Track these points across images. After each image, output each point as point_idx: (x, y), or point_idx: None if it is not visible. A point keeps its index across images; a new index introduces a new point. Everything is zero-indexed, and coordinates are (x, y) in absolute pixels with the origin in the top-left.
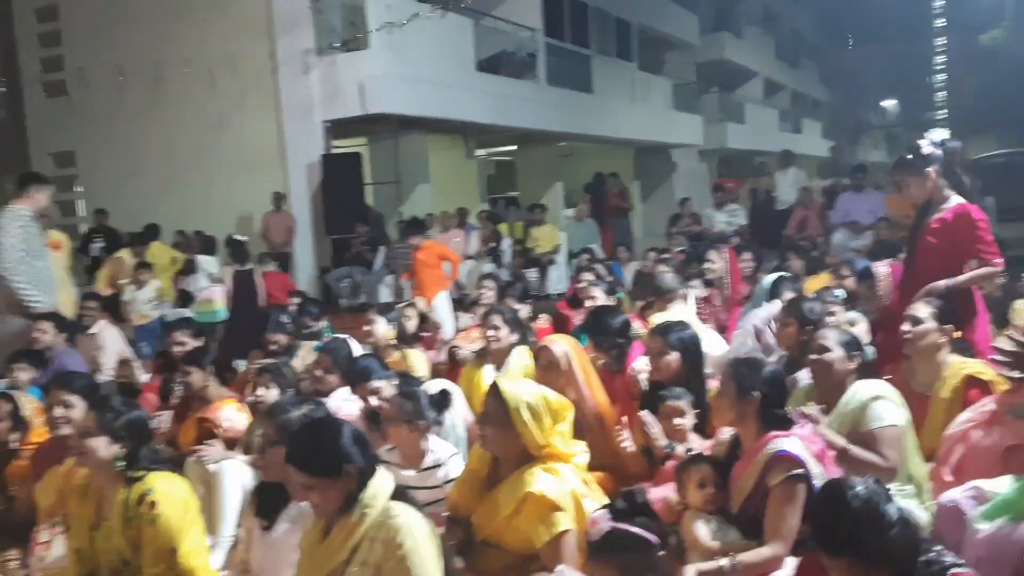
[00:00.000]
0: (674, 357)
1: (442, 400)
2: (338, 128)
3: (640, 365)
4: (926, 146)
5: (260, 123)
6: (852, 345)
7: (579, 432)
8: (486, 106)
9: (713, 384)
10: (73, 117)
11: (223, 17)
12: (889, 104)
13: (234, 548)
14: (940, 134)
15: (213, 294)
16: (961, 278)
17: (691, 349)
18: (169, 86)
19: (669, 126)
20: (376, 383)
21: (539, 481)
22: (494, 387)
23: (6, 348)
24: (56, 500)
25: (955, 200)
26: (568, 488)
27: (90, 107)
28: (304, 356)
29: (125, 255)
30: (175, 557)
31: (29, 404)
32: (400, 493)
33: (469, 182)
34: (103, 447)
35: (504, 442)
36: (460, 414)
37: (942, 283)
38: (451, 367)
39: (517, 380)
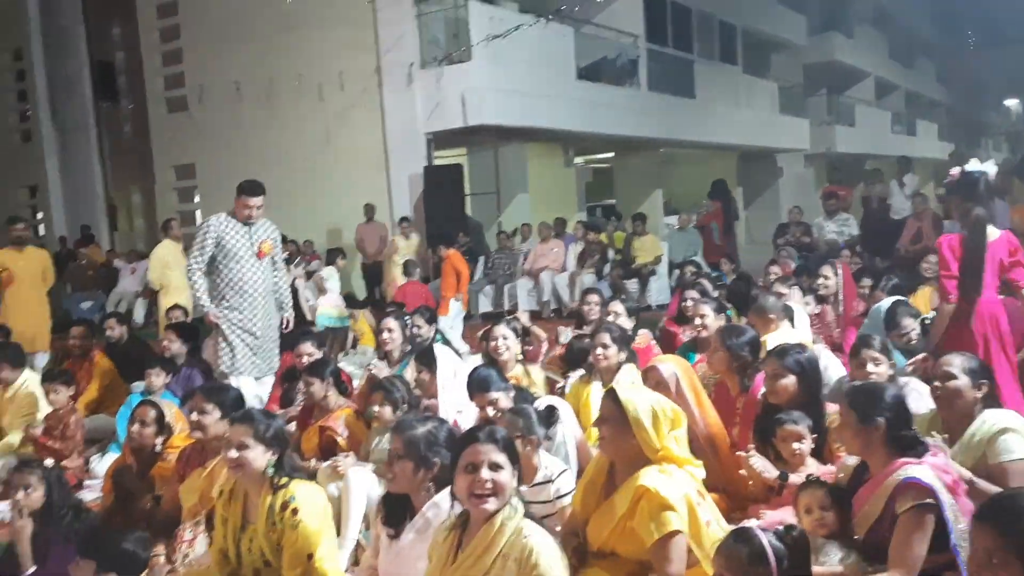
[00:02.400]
0: (791, 380)
1: (549, 416)
2: (439, 140)
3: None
4: None
5: (365, 136)
6: (978, 372)
7: (691, 453)
8: (585, 114)
9: (832, 408)
10: (193, 131)
11: (332, 34)
12: (1012, 104)
13: (360, 550)
14: None
15: (335, 301)
16: None
17: (809, 372)
18: (281, 101)
19: (774, 130)
20: (494, 394)
21: (652, 479)
22: (611, 392)
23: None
24: (198, 500)
25: None
26: (682, 491)
27: (209, 122)
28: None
29: None
30: (311, 562)
31: (170, 409)
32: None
33: (567, 191)
34: (260, 456)
35: (621, 446)
36: (570, 430)
37: None
38: None
39: (633, 387)
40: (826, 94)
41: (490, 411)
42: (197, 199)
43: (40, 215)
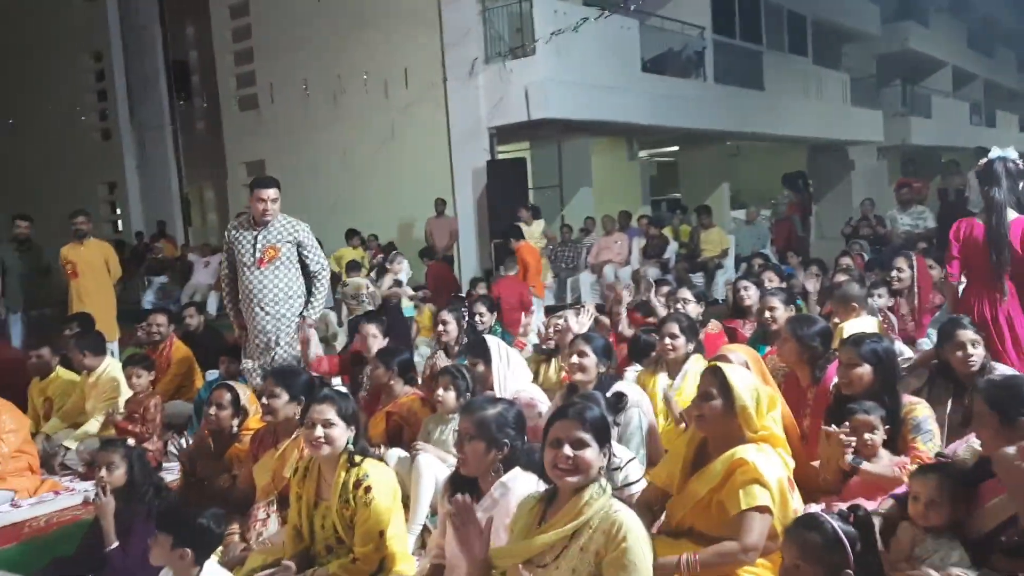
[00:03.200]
0: (866, 370)
1: (617, 403)
2: (503, 134)
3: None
4: None
5: (429, 131)
6: None
7: None
8: (650, 107)
9: (908, 399)
10: (263, 128)
11: (397, 31)
12: None
13: (427, 533)
14: None
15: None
16: None
17: (885, 362)
18: (348, 98)
19: (846, 122)
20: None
21: (751, 454)
22: (716, 369)
23: None
24: (271, 480)
25: None
26: (776, 473)
27: (278, 119)
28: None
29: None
30: (382, 539)
31: (245, 392)
32: None
33: (631, 184)
34: (342, 433)
35: (720, 423)
36: (643, 419)
37: None
38: None
39: (736, 367)
40: (900, 85)
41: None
42: None
43: (118, 210)
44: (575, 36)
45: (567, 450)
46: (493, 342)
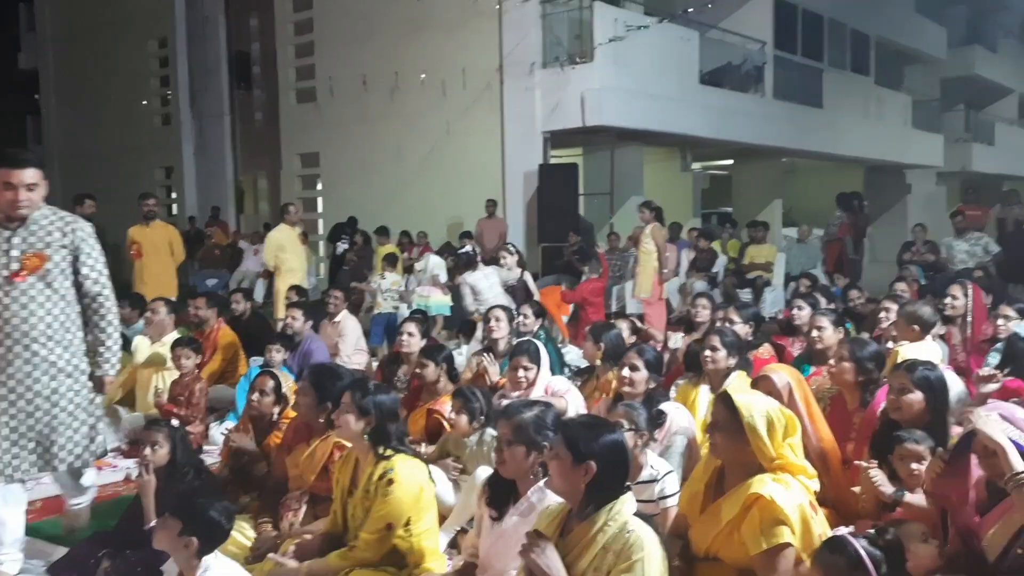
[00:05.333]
0: (917, 397)
1: (657, 418)
2: (556, 139)
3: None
4: None
5: (484, 132)
6: None
7: None
8: (707, 119)
9: (956, 430)
10: (320, 121)
11: (457, 32)
12: None
13: (463, 533)
14: None
15: (431, 291)
16: None
17: (937, 391)
18: (405, 96)
19: (905, 145)
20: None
21: (767, 487)
22: (725, 395)
23: None
24: (302, 472)
25: None
26: (796, 501)
27: (335, 113)
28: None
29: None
30: (389, 532)
31: (286, 381)
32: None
33: (683, 195)
34: (352, 421)
35: (733, 451)
36: (684, 434)
37: None
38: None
39: (748, 391)
40: (964, 110)
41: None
42: (319, 186)
43: (174, 195)
44: (633, 45)
45: (551, 464)
46: (542, 350)
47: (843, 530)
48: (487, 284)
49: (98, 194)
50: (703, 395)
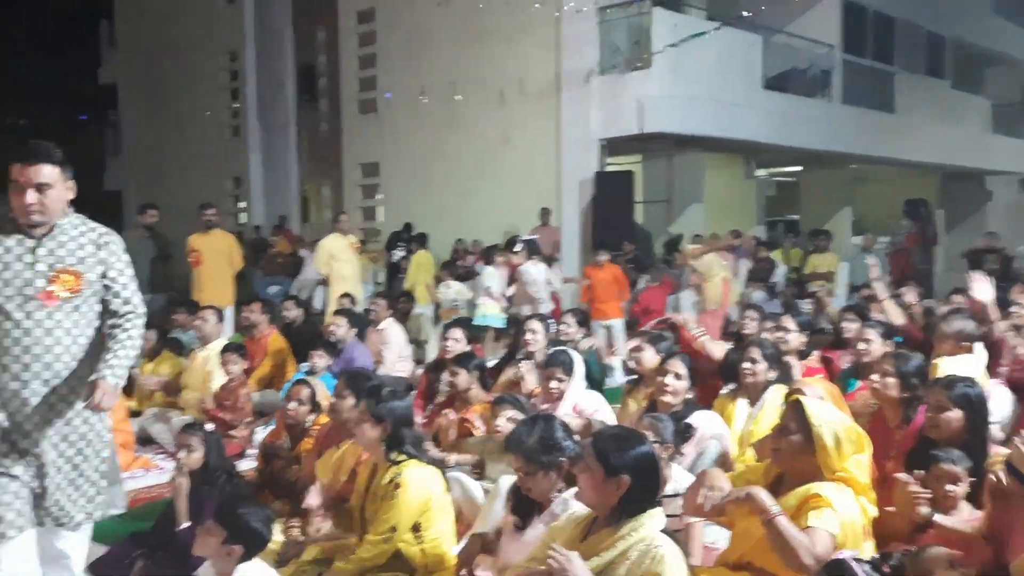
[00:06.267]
0: (956, 415)
1: (684, 432)
2: (613, 146)
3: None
4: None
5: (540, 140)
6: None
7: None
8: (771, 125)
9: (995, 451)
10: (380, 132)
11: (514, 40)
12: None
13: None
14: None
15: (485, 302)
16: None
17: (977, 409)
18: (462, 105)
19: (985, 150)
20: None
21: (828, 490)
22: (797, 404)
23: None
24: (333, 473)
25: None
26: (852, 513)
27: (395, 123)
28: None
29: (426, 259)
30: (392, 534)
31: (321, 389)
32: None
33: (746, 203)
34: (368, 429)
35: (798, 460)
36: (716, 446)
37: None
38: None
39: (819, 402)
40: None
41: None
42: (380, 196)
43: (242, 204)
44: (694, 50)
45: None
46: (578, 360)
47: (846, 553)
48: (537, 278)
49: (170, 203)
50: (740, 408)
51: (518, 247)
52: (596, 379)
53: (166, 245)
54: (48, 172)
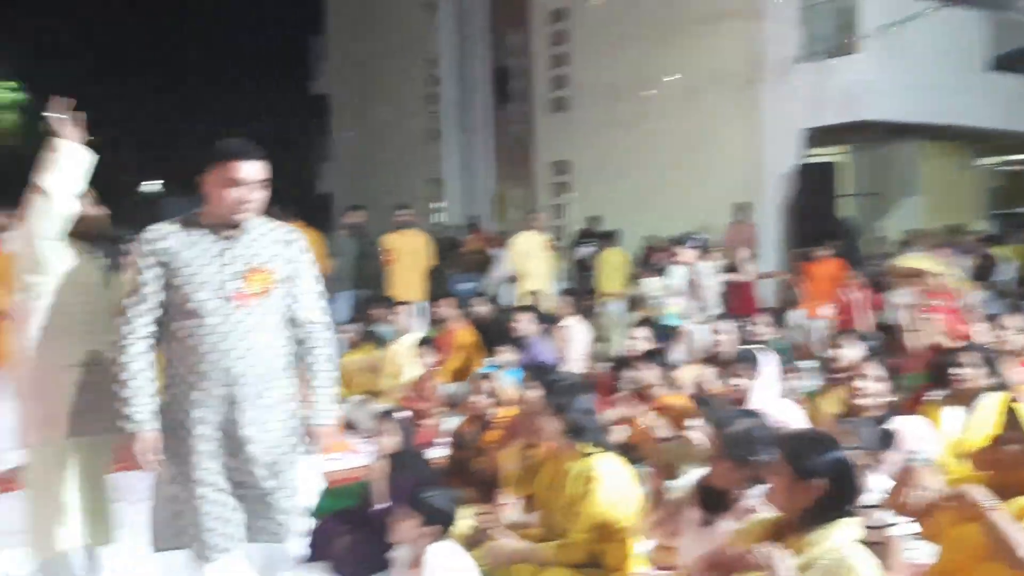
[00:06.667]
0: None
1: (883, 439)
2: (815, 137)
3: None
4: None
5: (738, 133)
6: None
7: None
8: (999, 109)
9: None
10: (571, 130)
11: (711, 31)
12: None
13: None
14: None
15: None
16: None
17: None
18: (656, 99)
19: None
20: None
21: None
22: (1012, 412)
23: None
24: (515, 469)
25: None
26: None
27: (586, 120)
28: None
29: (616, 256)
30: (601, 531)
31: (505, 383)
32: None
33: (968, 195)
34: (549, 421)
35: (1021, 471)
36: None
37: None
38: None
39: None
40: None
41: None
42: (570, 194)
43: (439, 205)
44: (907, 32)
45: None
46: (770, 360)
47: None
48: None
49: (374, 205)
50: (950, 415)
51: (687, 244)
52: None
53: (368, 244)
54: (263, 170)
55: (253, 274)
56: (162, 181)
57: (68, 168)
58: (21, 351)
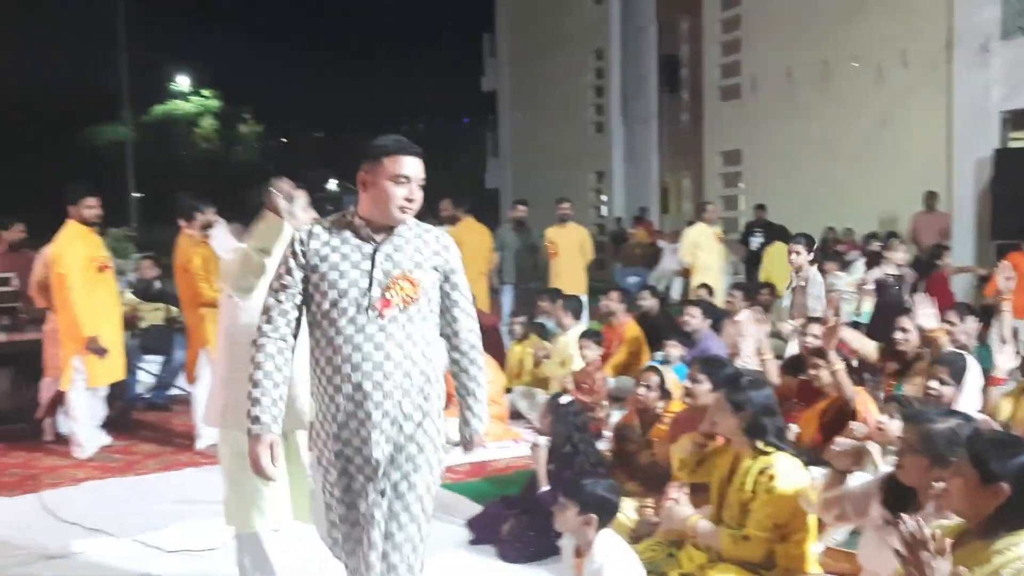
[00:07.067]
0: None
1: None
2: (1018, 119)
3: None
4: None
5: (927, 117)
6: None
7: None
8: None
9: None
10: (743, 118)
11: (897, 10)
12: None
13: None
14: None
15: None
16: None
17: None
18: (836, 84)
19: None
20: None
21: None
22: None
23: None
24: (682, 464)
25: None
26: None
27: (758, 108)
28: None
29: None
30: (776, 532)
31: (671, 378)
32: None
33: None
34: (727, 417)
35: None
36: None
37: None
38: None
39: None
40: None
41: None
42: (741, 184)
43: (604, 197)
44: None
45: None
46: (975, 367)
47: None
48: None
49: (540, 198)
50: None
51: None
52: None
53: (530, 237)
54: (423, 168)
55: (398, 282)
56: (336, 180)
57: (298, 214)
58: (223, 339)
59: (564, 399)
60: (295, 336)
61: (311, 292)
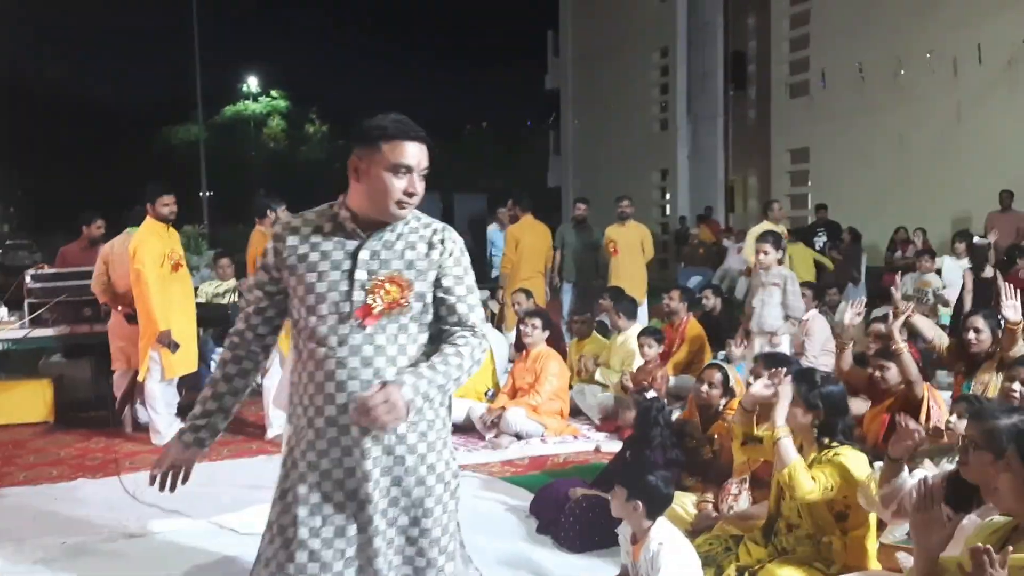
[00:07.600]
0: None
1: None
2: None
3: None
4: None
5: (1004, 113)
6: None
7: None
8: None
9: None
10: (811, 115)
11: (972, 4)
12: None
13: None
14: None
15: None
16: None
17: None
18: (908, 80)
19: None
20: None
21: None
22: None
23: None
24: (744, 461)
25: None
26: None
27: (828, 105)
28: None
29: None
30: (839, 526)
31: (733, 374)
32: None
33: None
34: (800, 415)
35: None
36: None
37: None
38: None
39: None
40: None
41: None
42: (809, 183)
43: (667, 196)
44: None
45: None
46: None
47: None
48: None
49: (602, 197)
50: None
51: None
52: None
53: (591, 236)
54: (427, 155)
55: (384, 285)
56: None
57: None
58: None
59: (649, 394)
60: (264, 349)
61: (291, 296)
